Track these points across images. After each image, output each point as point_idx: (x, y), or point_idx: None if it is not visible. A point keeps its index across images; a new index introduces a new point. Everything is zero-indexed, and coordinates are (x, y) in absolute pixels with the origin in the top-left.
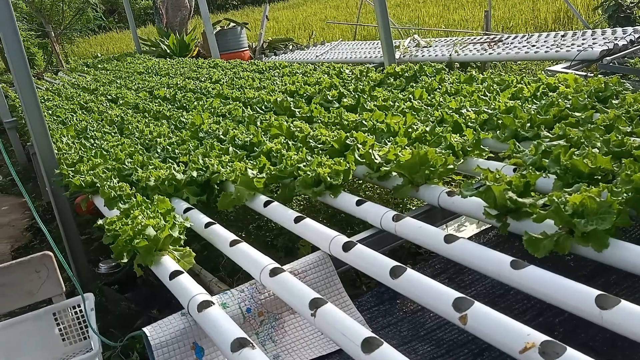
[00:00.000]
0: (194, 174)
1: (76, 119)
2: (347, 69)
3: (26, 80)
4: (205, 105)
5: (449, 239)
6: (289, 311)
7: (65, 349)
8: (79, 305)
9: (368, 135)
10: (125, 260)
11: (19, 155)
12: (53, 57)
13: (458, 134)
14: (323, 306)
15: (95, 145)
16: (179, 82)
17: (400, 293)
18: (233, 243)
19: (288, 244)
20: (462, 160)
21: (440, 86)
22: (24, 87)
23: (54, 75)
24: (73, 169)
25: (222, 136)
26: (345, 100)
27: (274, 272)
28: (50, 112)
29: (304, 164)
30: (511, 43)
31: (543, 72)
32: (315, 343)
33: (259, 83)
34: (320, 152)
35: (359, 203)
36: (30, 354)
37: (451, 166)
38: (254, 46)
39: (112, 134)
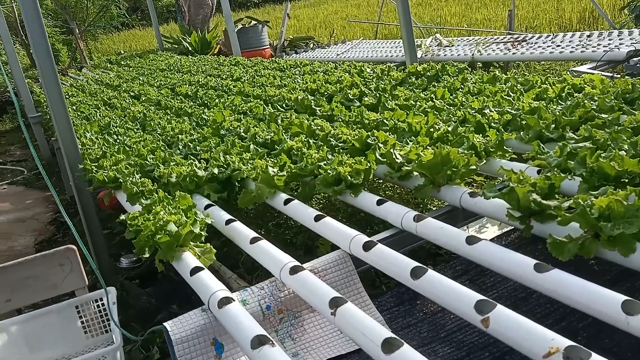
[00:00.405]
0: (215, 170)
1: (100, 115)
2: (368, 67)
3: (52, 76)
4: (227, 103)
5: (471, 240)
6: (308, 309)
7: (87, 341)
8: (101, 299)
9: (389, 135)
10: (146, 255)
11: (43, 149)
12: (77, 54)
13: (480, 135)
14: (343, 305)
15: (118, 141)
16: (200, 80)
17: (420, 294)
18: (253, 240)
19: (307, 242)
20: (484, 161)
21: (462, 86)
22: (49, 83)
23: (78, 72)
24: (96, 164)
25: (243, 134)
26: (366, 99)
27: (294, 270)
28: (74, 107)
29: (325, 162)
30: (535, 43)
31: (568, 73)
32: (335, 342)
33: (280, 81)
34: (341, 150)
35: (379, 202)
36: (53, 346)
37: (473, 167)
38: (275, 44)
39: (135, 130)
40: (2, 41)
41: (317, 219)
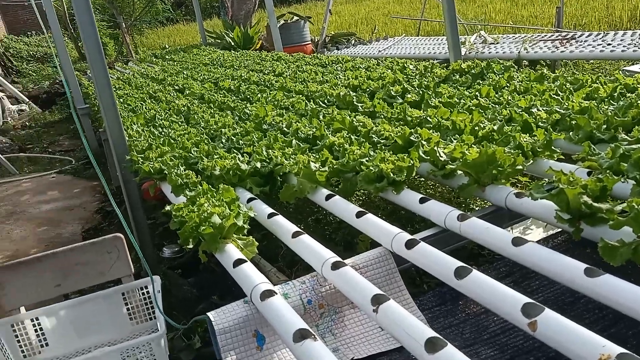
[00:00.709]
0: (258, 165)
1: (145, 108)
2: (410, 64)
3: (101, 69)
4: (269, 98)
5: (518, 241)
6: (349, 305)
7: (132, 328)
8: (146, 287)
9: (432, 132)
10: (190, 246)
11: (90, 140)
12: (123, 48)
13: (527, 134)
14: (385, 303)
15: (163, 133)
16: (243, 74)
17: (462, 294)
18: (295, 235)
19: (347, 238)
20: (531, 161)
21: (508, 84)
22: (99, 76)
23: (124, 65)
24: (142, 155)
25: (285, 129)
26: (409, 96)
27: (335, 266)
28: (121, 100)
29: (367, 159)
30: (585, 41)
31: (620, 72)
32: (375, 339)
33: (322, 77)
34: (383, 147)
35: (422, 201)
36: (100, 331)
37: (520, 167)
38: (316, 40)
39: (179, 123)
40: (52, 35)
41: (359, 215)
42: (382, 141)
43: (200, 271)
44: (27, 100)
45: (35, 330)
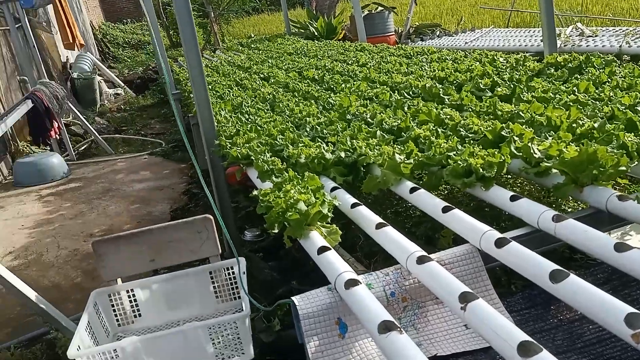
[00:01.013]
0: (342, 154)
1: (232, 95)
2: (501, 57)
3: (195, 56)
4: (353, 88)
5: (621, 247)
6: (433, 300)
7: (217, 305)
8: (230, 268)
9: (525, 128)
10: (275, 230)
11: (179, 124)
12: (211, 36)
13: (632, 133)
14: (474, 301)
15: (249, 120)
16: (326, 64)
17: (555, 298)
18: (379, 226)
19: (428, 232)
20: (636, 162)
21: (610, 79)
22: (192, 63)
23: (212, 53)
24: (230, 141)
25: (369, 119)
26: (499, 89)
27: (421, 260)
28: (209, 87)
29: (454, 152)
30: None
31: None
32: (459, 337)
33: (407, 68)
34: (472, 141)
35: (513, 199)
36: (189, 305)
37: (623, 168)
38: (399, 31)
39: (265, 110)
40: (149, 22)
41: (445, 210)
42: (470, 135)
43: (280, 256)
44: (123, 84)
45: (130, 302)
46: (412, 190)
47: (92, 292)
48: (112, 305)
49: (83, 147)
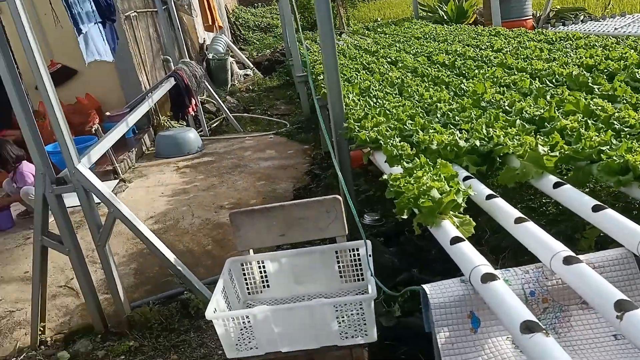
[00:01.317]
0: (477, 142)
1: (360, 78)
2: None
3: (329, 39)
4: (487, 74)
5: None
6: (578, 305)
7: (341, 285)
8: (356, 249)
9: None
10: (405, 216)
11: (304, 106)
12: (336, 20)
13: None
14: (633, 311)
15: (377, 104)
16: (457, 49)
17: None
18: (519, 220)
19: (567, 231)
20: None
21: None
22: (326, 46)
23: (338, 37)
24: (359, 124)
25: (507, 107)
26: None
27: (568, 261)
28: None
29: (608, 147)
30: None
31: None
32: (607, 348)
33: (548, 54)
34: (628, 136)
35: None
36: (314, 281)
37: None
38: (538, 15)
39: (393, 95)
40: (281, 7)
41: (596, 209)
42: (625, 129)
43: (400, 242)
44: (252, 66)
45: (260, 272)
46: (556, 185)
47: (227, 260)
48: (244, 274)
49: (215, 124)
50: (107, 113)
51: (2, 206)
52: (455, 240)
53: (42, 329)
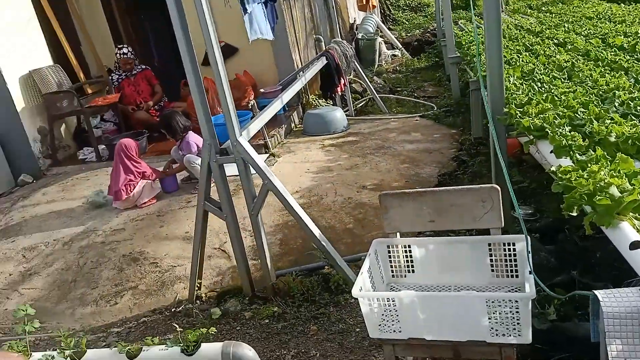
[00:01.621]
0: None
1: (522, 61)
2: None
3: (495, 18)
4: None
5: None
6: None
7: (492, 279)
8: (512, 244)
9: None
10: (574, 214)
11: (454, 89)
12: None
13: None
14: None
15: (542, 89)
16: (639, 31)
17: None
18: None
19: None
20: None
21: None
22: (491, 26)
23: None
24: (521, 110)
25: None
26: None
27: None
28: None
29: None
30: None
31: None
32: None
33: None
34: None
35: None
36: (462, 272)
37: None
38: None
39: (562, 80)
40: None
41: None
42: None
43: (559, 240)
44: (400, 46)
45: (405, 257)
46: None
47: (374, 241)
48: (389, 256)
49: (361, 105)
50: (262, 90)
51: (170, 174)
52: (636, 245)
53: (198, 285)
